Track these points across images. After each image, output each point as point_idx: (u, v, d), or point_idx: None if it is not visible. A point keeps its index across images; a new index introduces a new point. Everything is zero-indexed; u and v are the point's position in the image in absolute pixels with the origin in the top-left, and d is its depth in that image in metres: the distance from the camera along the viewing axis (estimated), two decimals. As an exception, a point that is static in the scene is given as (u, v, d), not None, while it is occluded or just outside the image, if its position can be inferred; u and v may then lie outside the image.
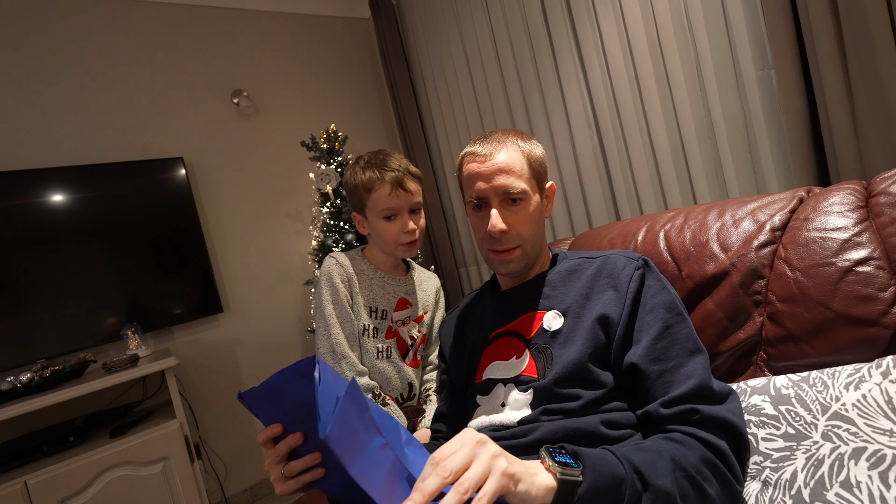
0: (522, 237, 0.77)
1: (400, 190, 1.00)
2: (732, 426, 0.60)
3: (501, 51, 2.06)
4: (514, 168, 0.75)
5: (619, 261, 0.75)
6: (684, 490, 0.54)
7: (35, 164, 1.88)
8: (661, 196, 1.65)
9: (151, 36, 2.19)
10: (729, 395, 0.64)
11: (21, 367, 1.69)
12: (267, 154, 2.45)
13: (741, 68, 1.37)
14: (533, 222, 0.77)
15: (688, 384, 0.62)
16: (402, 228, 1.02)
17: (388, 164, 1.02)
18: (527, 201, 0.76)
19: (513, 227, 0.76)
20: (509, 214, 0.76)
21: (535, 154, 0.79)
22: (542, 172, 0.80)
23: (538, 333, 0.74)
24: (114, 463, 1.57)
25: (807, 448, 0.60)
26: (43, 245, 1.83)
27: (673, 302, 0.69)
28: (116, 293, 1.96)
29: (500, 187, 0.75)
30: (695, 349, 0.66)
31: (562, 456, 0.51)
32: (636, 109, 1.64)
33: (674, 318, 0.68)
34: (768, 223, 0.79)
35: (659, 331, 0.67)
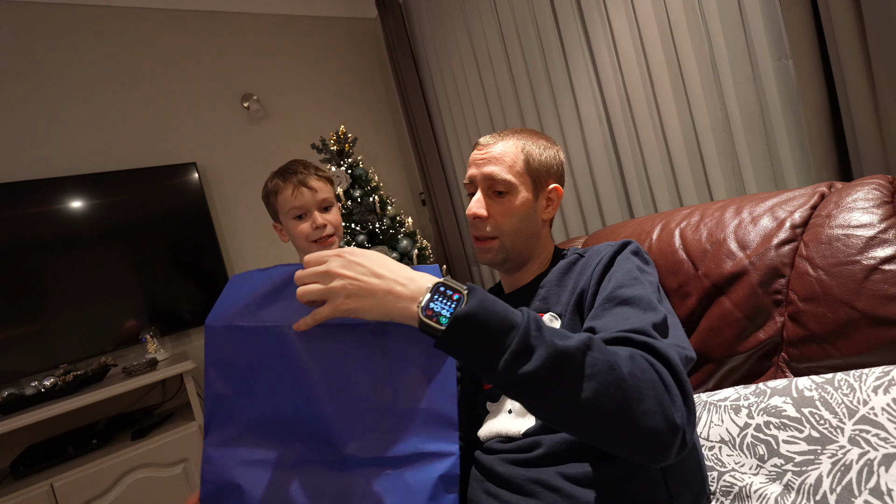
0: (501, 229, 0.77)
1: (302, 188, 1.03)
2: (668, 359, 0.52)
3: (510, 46, 2.04)
4: (504, 160, 0.76)
5: (599, 248, 0.76)
6: (596, 368, 0.47)
7: (56, 172, 1.92)
8: (675, 193, 1.62)
9: (162, 44, 2.22)
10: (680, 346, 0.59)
11: (44, 372, 1.73)
12: (278, 157, 2.46)
13: (757, 59, 1.34)
14: (517, 217, 0.77)
15: (627, 325, 0.57)
16: (312, 225, 1.03)
17: (291, 168, 1.06)
18: (513, 195, 0.76)
19: (493, 216, 0.77)
20: (493, 204, 0.77)
21: (539, 154, 0.78)
22: (545, 173, 0.79)
23: None
24: (136, 465, 1.60)
25: (832, 452, 0.58)
26: (64, 251, 1.87)
27: (633, 269, 0.68)
28: (134, 297, 2.00)
29: (487, 175, 0.76)
30: (648, 307, 0.60)
31: (441, 302, 0.50)
32: (649, 104, 1.61)
33: (630, 280, 0.65)
34: (788, 220, 0.77)
35: (611, 292, 0.64)
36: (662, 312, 0.61)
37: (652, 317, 0.59)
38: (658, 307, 0.62)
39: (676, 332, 0.63)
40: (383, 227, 2.24)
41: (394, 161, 2.89)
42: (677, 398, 0.49)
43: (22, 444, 1.71)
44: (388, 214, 2.30)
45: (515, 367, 0.47)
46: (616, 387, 0.47)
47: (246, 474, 0.54)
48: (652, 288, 0.67)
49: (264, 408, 0.56)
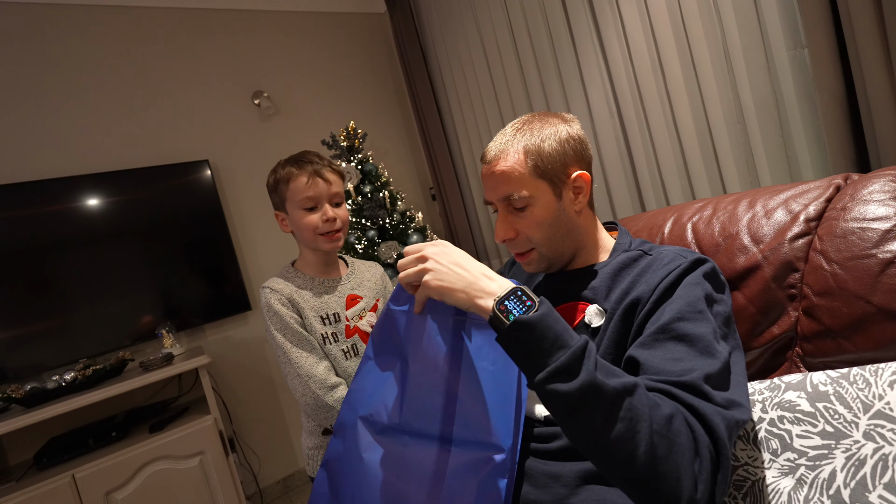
0: (533, 241, 0.75)
1: (318, 179, 1.02)
2: (712, 428, 0.50)
3: (519, 39, 2.03)
4: (513, 175, 0.72)
5: (669, 255, 0.69)
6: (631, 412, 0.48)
7: (73, 171, 1.95)
8: (688, 185, 1.60)
9: (174, 43, 2.24)
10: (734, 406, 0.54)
11: (65, 367, 1.77)
12: (288, 153, 2.47)
13: (772, 48, 1.31)
14: (545, 225, 0.73)
15: (682, 377, 0.54)
16: (322, 216, 1.02)
17: (306, 158, 1.06)
18: (533, 205, 0.72)
19: (521, 231, 0.75)
20: (517, 220, 0.75)
21: (546, 148, 0.72)
22: (559, 166, 0.73)
23: (578, 326, 0.72)
24: (154, 457, 1.64)
25: (847, 447, 0.58)
26: (82, 248, 1.91)
27: (699, 299, 0.62)
28: (150, 293, 2.03)
29: (501, 194, 0.74)
30: (705, 351, 0.57)
31: (514, 303, 0.55)
32: (660, 95, 1.59)
33: (692, 313, 0.60)
34: (802, 213, 0.76)
35: (667, 322, 0.60)
36: (721, 358, 0.57)
37: (707, 365, 0.55)
38: (717, 351, 0.57)
39: (737, 380, 0.58)
40: (393, 223, 2.25)
41: (403, 156, 2.89)
42: (705, 471, 0.49)
43: (44, 436, 1.76)
44: (398, 210, 2.31)
45: (551, 382, 0.50)
46: (644, 439, 0.47)
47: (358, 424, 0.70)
48: (718, 322, 0.62)
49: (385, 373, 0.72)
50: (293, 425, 2.37)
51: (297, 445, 2.37)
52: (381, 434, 0.67)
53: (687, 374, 0.54)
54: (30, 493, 1.46)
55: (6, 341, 1.76)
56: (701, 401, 0.52)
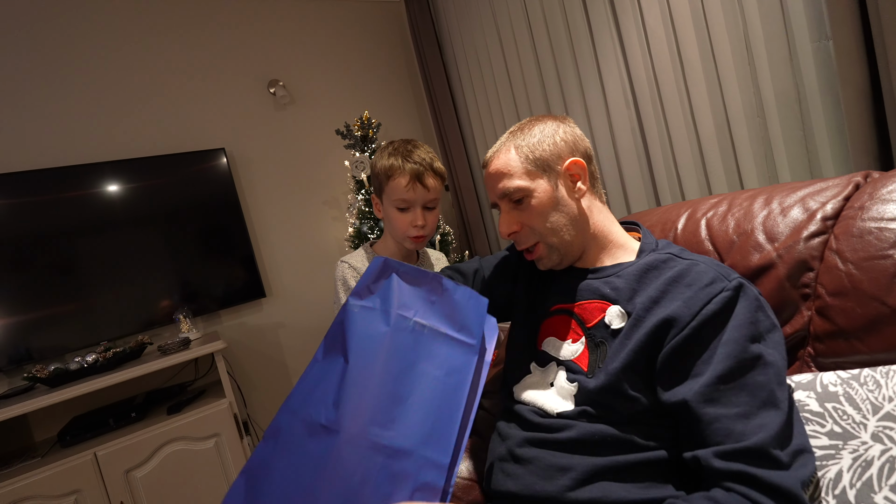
0: (537, 230, 0.75)
1: (417, 184, 1.00)
2: (797, 499, 0.51)
3: (535, 30, 2.00)
4: (505, 169, 0.76)
5: (708, 273, 0.64)
6: None
7: (94, 158, 2.00)
8: (704, 180, 1.58)
9: (191, 32, 2.26)
10: (801, 460, 0.54)
11: (87, 349, 1.83)
12: (303, 142, 2.50)
13: (795, 40, 1.28)
14: (546, 213, 0.74)
15: (751, 439, 0.53)
16: (413, 222, 1.02)
17: (413, 156, 1.01)
18: (530, 197, 0.75)
19: (524, 224, 0.76)
20: (519, 213, 0.77)
21: (535, 143, 0.75)
22: (551, 157, 0.75)
23: (598, 325, 0.70)
24: (172, 438, 1.69)
25: (854, 448, 0.58)
26: (102, 234, 1.96)
27: (757, 338, 0.58)
28: (168, 279, 2.08)
29: (499, 191, 0.77)
30: (769, 401, 0.55)
31: None
32: (678, 87, 1.56)
33: (751, 359, 0.57)
34: (819, 212, 0.75)
35: (726, 369, 0.57)
36: (784, 409, 0.55)
37: (773, 425, 0.54)
38: (780, 400, 0.55)
39: (798, 422, 0.57)
40: (406, 213, 2.25)
41: (417, 146, 2.89)
42: None
43: (67, 415, 1.82)
44: (411, 200, 2.31)
45: None
46: None
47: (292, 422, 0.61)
48: (778, 357, 0.58)
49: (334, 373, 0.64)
50: (305, 410, 2.42)
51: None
52: (314, 436, 0.59)
53: (755, 436, 0.53)
54: (54, 469, 1.52)
55: (31, 323, 1.82)
56: (775, 472, 0.52)
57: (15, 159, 1.88)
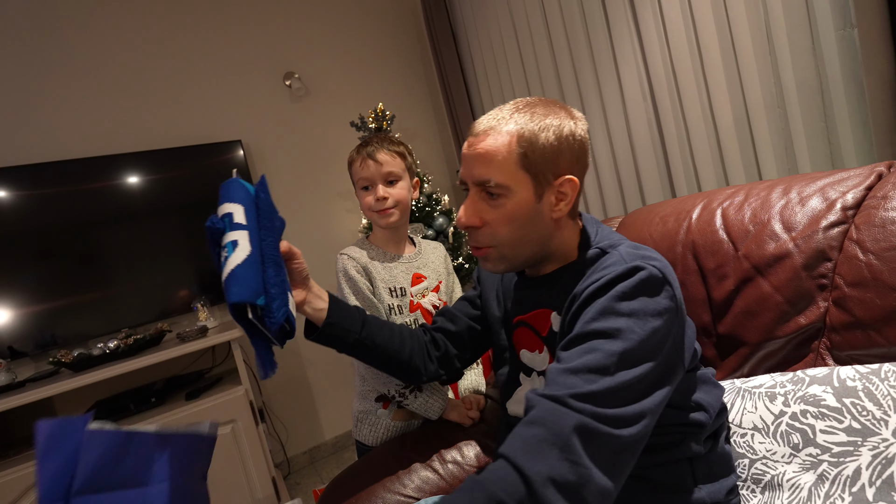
0: (497, 238, 0.65)
1: (369, 160, 1.06)
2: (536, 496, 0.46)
3: (551, 20, 1.98)
4: (495, 157, 0.62)
5: (611, 258, 0.62)
6: None
7: (114, 150, 2.04)
8: (722, 172, 1.56)
9: (208, 25, 2.29)
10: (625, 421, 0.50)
11: (108, 335, 1.88)
12: (318, 134, 2.52)
13: (818, 28, 1.25)
14: (515, 224, 0.64)
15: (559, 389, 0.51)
16: (374, 196, 1.07)
17: (367, 140, 1.10)
18: (507, 198, 0.63)
19: (488, 223, 0.65)
20: (487, 209, 0.65)
21: (541, 141, 0.62)
22: (551, 164, 0.63)
23: (549, 334, 0.70)
24: (190, 423, 1.73)
25: (874, 445, 0.57)
26: (123, 223, 2.01)
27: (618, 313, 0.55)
28: (186, 268, 2.12)
29: (476, 176, 0.65)
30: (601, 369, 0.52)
31: None
32: (696, 77, 1.53)
33: (608, 331, 0.54)
34: (839, 201, 0.74)
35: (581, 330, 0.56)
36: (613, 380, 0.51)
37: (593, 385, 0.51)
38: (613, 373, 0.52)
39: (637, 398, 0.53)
40: (419, 205, 2.26)
41: (431, 138, 2.89)
42: None
43: (91, 399, 1.88)
44: (425, 192, 2.32)
45: None
46: None
47: None
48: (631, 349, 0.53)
49: None
50: (320, 400, 2.46)
51: (323, 419, 2.46)
52: None
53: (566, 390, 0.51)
54: (78, 450, 1.57)
55: (56, 310, 1.87)
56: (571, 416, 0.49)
57: (39, 151, 1.94)
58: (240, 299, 0.60)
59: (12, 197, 1.83)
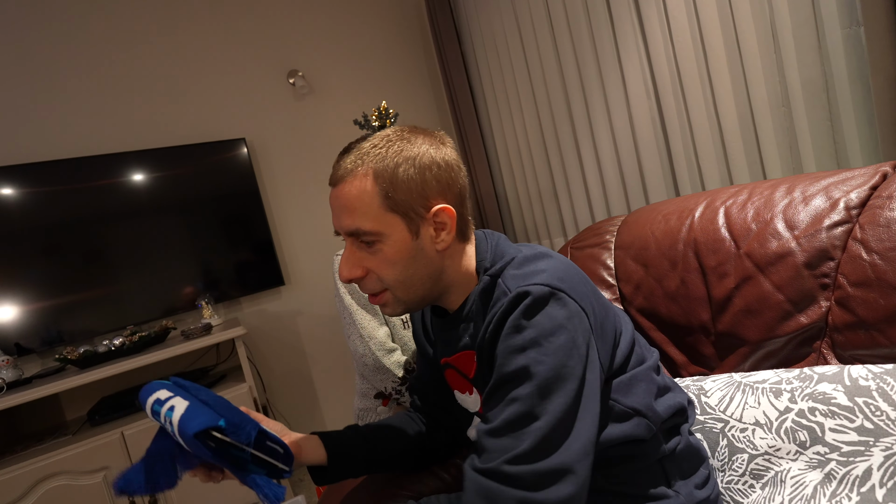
0: (385, 281, 0.63)
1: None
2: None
3: (555, 19, 1.98)
4: (357, 203, 0.60)
5: (499, 289, 0.60)
6: None
7: (119, 148, 2.06)
8: (726, 171, 1.55)
9: (212, 23, 2.29)
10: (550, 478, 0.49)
11: (114, 332, 1.89)
12: (322, 132, 2.53)
13: (824, 26, 1.24)
14: (400, 264, 0.62)
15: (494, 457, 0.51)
16: None
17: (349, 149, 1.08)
18: (382, 243, 0.61)
19: (372, 270, 0.63)
20: (366, 257, 0.62)
21: (400, 178, 0.60)
22: (416, 199, 0.61)
23: (476, 374, 0.66)
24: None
25: (887, 446, 0.56)
26: (128, 221, 2.02)
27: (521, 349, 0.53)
28: (191, 266, 2.13)
29: (346, 227, 0.62)
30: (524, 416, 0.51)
31: None
32: (701, 75, 1.53)
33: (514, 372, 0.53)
34: (843, 200, 0.73)
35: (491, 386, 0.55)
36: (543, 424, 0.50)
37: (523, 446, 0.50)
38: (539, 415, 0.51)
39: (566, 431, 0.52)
40: (423, 204, 2.26)
41: (434, 137, 2.89)
42: None
43: (96, 395, 1.90)
44: (428, 191, 2.32)
45: None
46: None
47: None
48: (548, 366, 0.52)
49: None
50: (323, 396, 2.47)
51: (326, 416, 2.47)
52: None
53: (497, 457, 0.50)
54: (85, 447, 1.59)
55: (62, 307, 1.89)
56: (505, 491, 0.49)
57: (44, 149, 1.95)
58: (200, 427, 0.55)
59: (19, 194, 1.85)
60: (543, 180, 2.29)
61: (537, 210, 2.39)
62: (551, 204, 2.30)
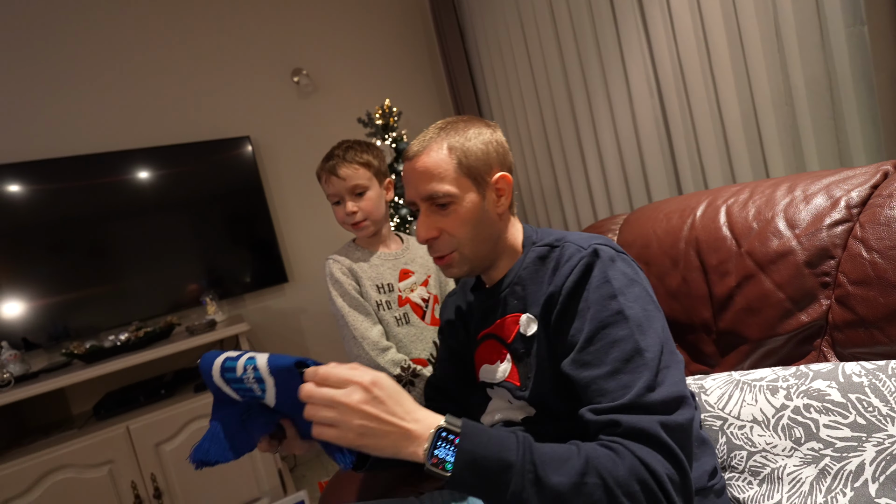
0: (456, 240, 0.71)
1: (332, 177, 1.08)
2: (663, 445, 0.52)
3: (559, 17, 1.98)
4: (436, 170, 0.69)
5: (569, 249, 0.68)
6: (591, 497, 0.50)
7: (124, 145, 2.07)
8: (729, 170, 1.55)
9: (218, 23, 2.30)
10: (673, 406, 0.55)
11: (119, 328, 1.91)
12: (326, 130, 2.53)
13: (828, 25, 1.24)
14: (469, 224, 0.71)
15: (619, 397, 0.55)
16: (344, 211, 1.09)
17: (331, 153, 1.10)
18: (457, 203, 0.70)
19: (444, 230, 0.71)
20: (440, 219, 0.71)
21: (470, 148, 0.70)
22: (483, 167, 0.71)
23: (517, 338, 0.71)
24: (199, 414, 1.76)
25: (878, 441, 0.57)
26: (134, 218, 2.04)
27: (613, 296, 0.61)
28: (195, 263, 2.15)
29: (423, 192, 0.70)
30: (633, 353, 0.57)
31: (445, 447, 0.51)
32: (704, 74, 1.53)
33: (611, 316, 0.60)
34: (844, 199, 0.74)
35: (590, 331, 0.60)
36: (653, 354, 0.57)
37: (642, 379, 0.56)
38: (645, 349, 0.57)
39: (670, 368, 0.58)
40: (426, 201, 2.27)
41: (437, 135, 2.89)
42: (672, 495, 0.51)
43: (102, 390, 1.91)
44: (431, 188, 2.32)
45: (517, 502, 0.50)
46: None
47: None
48: (638, 309, 0.60)
49: None
50: (325, 393, 2.48)
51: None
52: None
53: (627, 393, 0.55)
54: (90, 440, 1.61)
55: (68, 303, 1.91)
56: (644, 417, 0.54)
57: (51, 147, 1.97)
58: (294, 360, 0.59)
59: (26, 191, 1.86)
60: (546, 178, 2.30)
61: (540, 208, 2.39)
62: (554, 202, 2.30)
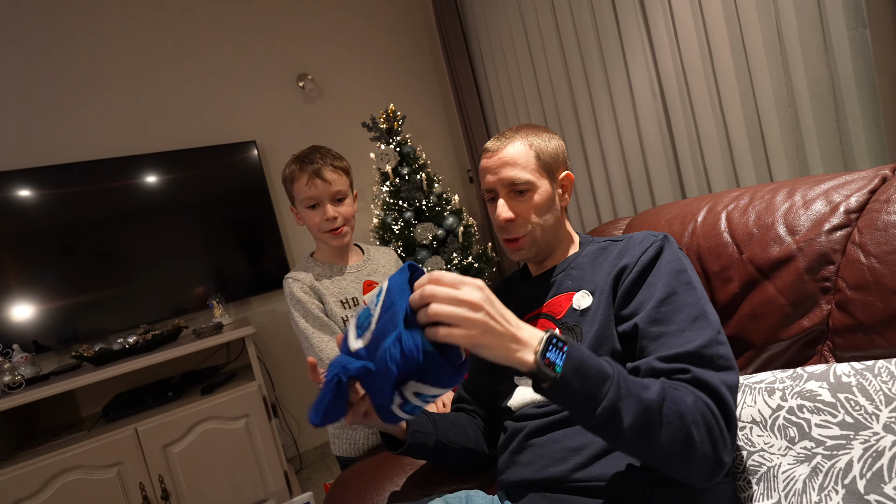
0: (530, 223, 0.80)
1: (317, 179, 1.06)
2: (720, 397, 0.59)
3: (561, 21, 1.99)
4: (518, 160, 0.79)
5: (640, 235, 0.78)
6: (669, 417, 0.54)
7: (132, 151, 2.10)
8: (732, 173, 1.55)
9: (222, 27, 2.33)
10: (728, 368, 0.62)
11: (127, 331, 1.94)
12: (331, 135, 2.56)
13: (830, 28, 1.24)
14: (542, 210, 0.80)
15: (687, 346, 0.62)
16: (323, 216, 1.07)
17: (309, 157, 1.08)
18: (533, 191, 0.79)
19: (520, 214, 0.80)
20: (517, 204, 0.80)
21: (546, 147, 0.81)
22: (555, 163, 0.82)
23: (568, 313, 0.77)
24: (205, 417, 1.78)
25: (865, 439, 0.58)
26: (142, 222, 2.07)
27: (683, 270, 0.70)
28: (202, 266, 2.18)
29: (506, 178, 0.79)
30: (700, 316, 0.65)
31: (555, 351, 0.54)
32: (707, 77, 1.53)
33: (682, 286, 0.68)
34: (843, 204, 0.74)
35: (664, 294, 0.68)
36: (714, 322, 0.66)
37: (706, 335, 0.63)
38: (709, 314, 0.66)
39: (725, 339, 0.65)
40: (429, 204, 2.28)
41: (442, 138, 2.91)
42: (727, 439, 0.58)
43: (111, 392, 1.94)
44: (435, 192, 2.34)
45: (608, 415, 0.54)
46: (683, 435, 0.55)
47: None
48: (700, 287, 0.70)
49: None
50: (331, 396, 2.50)
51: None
52: None
53: (690, 344, 0.62)
54: (99, 442, 1.63)
55: (78, 306, 1.94)
56: (707, 371, 0.60)
57: (61, 153, 2.00)
58: None
59: (36, 197, 1.90)
60: (550, 181, 2.30)
61: (544, 211, 2.39)
62: (558, 205, 2.30)
